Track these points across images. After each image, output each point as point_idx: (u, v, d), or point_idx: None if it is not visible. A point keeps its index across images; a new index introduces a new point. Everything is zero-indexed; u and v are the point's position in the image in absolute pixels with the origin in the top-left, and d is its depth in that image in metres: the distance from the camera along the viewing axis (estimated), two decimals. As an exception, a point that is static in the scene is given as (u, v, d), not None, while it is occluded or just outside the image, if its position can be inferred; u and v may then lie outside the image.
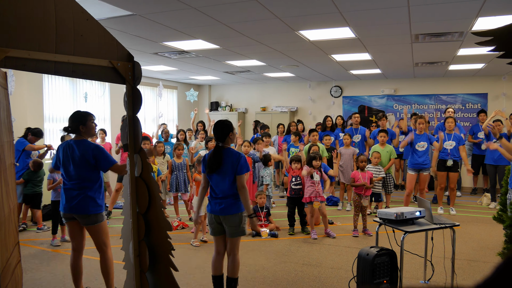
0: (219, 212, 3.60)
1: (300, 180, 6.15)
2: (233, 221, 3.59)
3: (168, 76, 10.66)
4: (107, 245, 3.65)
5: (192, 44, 6.32)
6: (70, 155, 3.53)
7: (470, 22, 4.90)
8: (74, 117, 3.61)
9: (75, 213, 3.54)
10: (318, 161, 5.88)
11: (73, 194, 3.52)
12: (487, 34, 1.44)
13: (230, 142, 3.72)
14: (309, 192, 5.85)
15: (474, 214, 7.34)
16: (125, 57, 2.64)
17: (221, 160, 3.56)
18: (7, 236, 2.40)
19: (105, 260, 3.67)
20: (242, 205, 3.64)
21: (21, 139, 6.33)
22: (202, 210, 5.43)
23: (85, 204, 3.50)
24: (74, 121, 3.59)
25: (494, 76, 9.75)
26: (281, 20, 4.90)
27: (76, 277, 3.74)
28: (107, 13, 4.65)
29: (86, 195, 3.50)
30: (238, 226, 3.61)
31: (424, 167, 6.94)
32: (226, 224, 3.62)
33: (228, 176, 3.57)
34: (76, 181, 3.52)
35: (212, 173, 3.60)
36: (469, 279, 4.33)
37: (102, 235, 3.62)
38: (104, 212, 3.69)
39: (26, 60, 2.21)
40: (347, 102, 11.22)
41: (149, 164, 2.74)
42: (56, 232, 5.59)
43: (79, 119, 3.59)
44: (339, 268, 4.68)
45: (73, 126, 3.59)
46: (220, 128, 3.66)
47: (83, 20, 2.43)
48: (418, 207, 3.91)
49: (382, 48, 6.56)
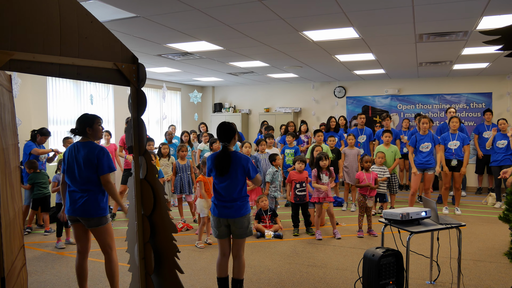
0: (228, 216, 3.61)
1: (305, 187, 6.12)
2: (242, 223, 3.61)
3: (172, 78, 10.67)
4: (112, 248, 3.64)
5: (196, 45, 6.32)
6: (75, 157, 3.53)
7: (475, 21, 4.87)
8: (82, 120, 3.63)
9: (79, 215, 3.54)
10: (325, 161, 5.85)
11: (76, 196, 3.52)
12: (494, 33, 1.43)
13: (234, 144, 3.74)
14: (318, 193, 5.83)
15: (479, 214, 7.29)
16: (129, 59, 2.64)
17: (229, 163, 3.57)
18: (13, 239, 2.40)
19: (110, 262, 3.66)
20: (248, 207, 3.66)
21: (29, 142, 6.38)
22: (206, 211, 5.43)
23: (88, 207, 3.50)
24: (81, 123, 3.61)
25: (498, 76, 9.70)
26: (285, 21, 4.89)
27: (81, 280, 3.73)
28: (111, 15, 4.65)
29: (89, 197, 3.50)
30: (246, 227, 3.64)
31: (428, 166, 6.90)
32: (234, 227, 3.64)
33: (236, 180, 3.59)
34: (80, 183, 3.52)
35: (220, 176, 3.62)
36: (475, 279, 4.30)
37: (107, 238, 3.61)
38: (109, 215, 3.68)
39: (30, 63, 2.21)
40: (351, 102, 11.20)
41: (154, 166, 2.73)
42: (60, 234, 5.60)
43: (86, 122, 3.61)
44: (345, 269, 4.66)
45: (80, 128, 3.61)
46: (226, 130, 3.67)
47: (88, 22, 2.43)
48: (423, 207, 3.89)
49: (386, 48, 6.53)
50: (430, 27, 5.18)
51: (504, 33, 1.47)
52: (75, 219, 3.60)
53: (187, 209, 7.29)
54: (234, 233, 3.67)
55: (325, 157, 5.87)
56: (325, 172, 5.87)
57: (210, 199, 5.40)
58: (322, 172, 5.85)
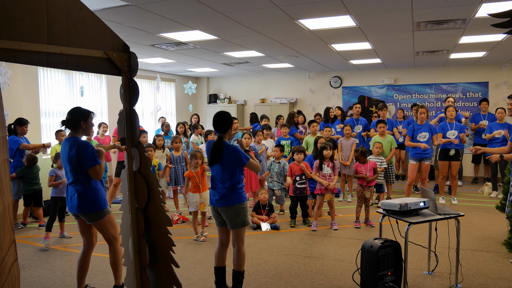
0: (216, 203, 3.60)
1: (305, 179, 6.06)
2: (230, 213, 3.55)
3: (166, 69, 10.54)
4: (116, 238, 3.62)
5: (190, 35, 6.20)
6: (64, 153, 3.49)
7: (474, 9, 4.79)
8: (76, 112, 3.53)
9: (76, 212, 3.53)
10: (329, 151, 5.77)
11: (72, 193, 3.51)
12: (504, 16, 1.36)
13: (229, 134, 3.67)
14: (321, 185, 5.76)
15: (476, 204, 7.29)
16: (120, 48, 2.54)
17: (221, 152, 3.52)
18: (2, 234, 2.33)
19: (114, 252, 3.65)
20: (240, 197, 3.60)
21: (12, 137, 6.01)
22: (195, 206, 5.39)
23: (84, 203, 3.46)
24: (76, 116, 3.50)
25: (495, 65, 9.65)
26: (280, 9, 4.79)
27: (80, 273, 3.72)
28: (101, 4, 4.53)
29: (83, 194, 3.45)
30: (236, 217, 3.56)
31: (425, 156, 6.88)
32: (225, 216, 3.60)
33: (228, 168, 3.55)
34: (72, 180, 3.49)
35: (212, 164, 3.59)
36: (473, 269, 4.28)
37: (110, 229, 3.59)
38: (108, 207, 3.63)
39: (16, 52, 2.11)
40: (347, 92, 11.12)
41: (147, 158, 2.66)
42: (50, 229, 5.28)
43: (82, 115, 3.52)
44: (342, 260, 4.62)
45: (74, 121, 3.50)
46: (222, 120, 3.61)
47: (76, 9, 2.33)
48: (421, 198, 3.85)
49: (383, 36, 6.45)
50: (428, 14, 5.10)
51: (513, 15, 1.40)
52: (76, 214, 3.59)
53: (182, 201, 7.22)
54: (227, 223, 3.63)
55: (330, 147, 5.79)
56: (328, 163, 5.79)
57: (199, 194, 5.37)
58: (325, 162, 5.78)
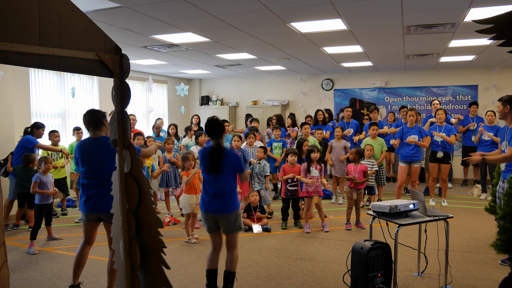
0: (214, 212, 3.60)
1: (297, 182, 6.09)
2: (229, 219, 3.59)
3: (158, 70, 10.53)
4: None
5: (182, 37, 6.21)
6: (91, 153, 3.55)
7: (463, 13, 4.87)
8: (95, 113, 3.67)
9: (98, 212, 3.55)
10: (316, 153, 5.82)
11: (94, 192, 3.54)
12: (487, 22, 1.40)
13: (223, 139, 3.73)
14: (307, 187, 5.80)
15: (465, 206, 7.37)
16: (112, 50, 2.55)
17: (221, 161, 3.56)
18: (-8, 236, 2.31)
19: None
20: (237, 203, 3.65)
21: (29, 136, 6.19)
22: (188, 208, 5.38)
23: (106, 202, 3.46)
24: (96, 116, 3.65)
25: (484, 68, 9.78)
26: (272, 12, 4.82)
27: (77, 265, 3.75)
28: (93, 5, 4.52)
29: (106, 192, 3.45)
30: (234, 223, 3.61)
31: (415, 159, 6.94)
32: (222, 223, 3.62)
33: (226, 176, 3.58)
34: (97, 179, 3.53)
35: (212, 173, 3.60)
36: (462, 270, 4.33)
37: None
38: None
39: (8, 53, 2.11)
40: (339, 95, 11.19)
41: (138, 159, 2.66)
42: (34, 238, 5.15)
43: (101, 114, 3.68)
44: (333, 261, 4.65)
45: (96, 121, 3.63)
46: (215, 126, 3.64)
47: (68, 11, 2.34)
48: (411, 200, 3.89)
49: (374, 40, 6.51)
50: (418, 19, 5.17)
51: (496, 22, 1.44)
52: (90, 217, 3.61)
53: (174, 203, 7.22)
54: (223, 229, 3.66)
55: (317, 149, 5.84)
56: (315, 166, 5.83)
57: (195, 195, 5.37)
58: (312, 165, 5.82)
